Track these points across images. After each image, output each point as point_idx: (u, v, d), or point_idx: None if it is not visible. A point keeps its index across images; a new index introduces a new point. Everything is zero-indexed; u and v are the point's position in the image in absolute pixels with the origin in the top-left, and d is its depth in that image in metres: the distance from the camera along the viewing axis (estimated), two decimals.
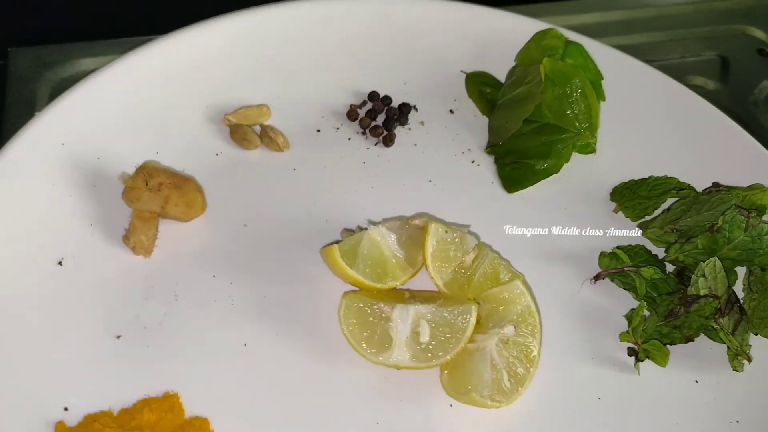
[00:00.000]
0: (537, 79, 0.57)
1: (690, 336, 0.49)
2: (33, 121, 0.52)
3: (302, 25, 0.62)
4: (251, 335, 0.47)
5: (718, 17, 0.79)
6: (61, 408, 0.43)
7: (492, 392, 0.44)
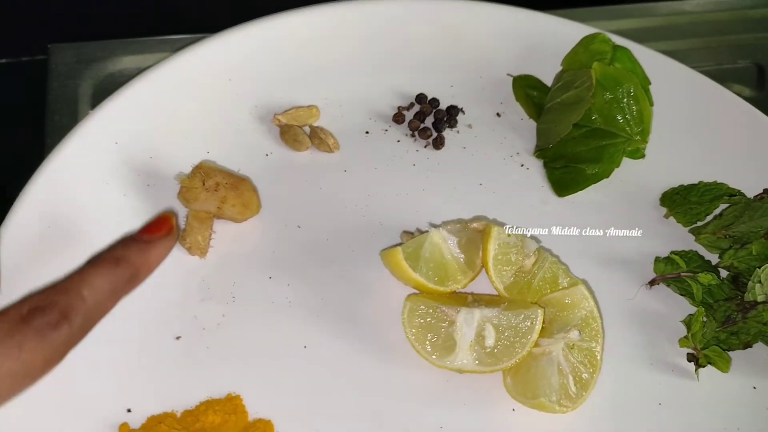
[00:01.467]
0: (587, 84, 0.57)
1: (748, 342, 0.49)
2: (87, 119, 0.51)
3: (350, 26, 0.62)
4: (311, 337, 0.47)
5: (754, 25, 0.79)
6: (124, 410, 0.43)
7: (560, 397, 0.44)
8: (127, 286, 0.39)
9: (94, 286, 0.36)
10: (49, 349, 0.34)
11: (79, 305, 0.35)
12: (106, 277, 0.37)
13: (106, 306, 0.37)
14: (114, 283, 0.37)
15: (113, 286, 0.37)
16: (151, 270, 0.40)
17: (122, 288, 0.38)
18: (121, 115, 0.53)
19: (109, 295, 0.37)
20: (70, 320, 0.35)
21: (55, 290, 0.36)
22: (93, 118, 0.51)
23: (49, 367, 0.34)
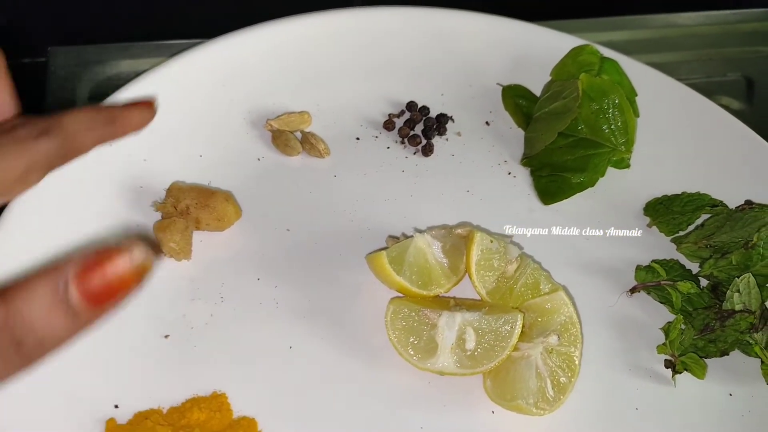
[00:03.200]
0: (574, 94, 0.58)
1: (725, 350, 0.50)
2: None
3: (342, 34, 0.63)
4: (296, 338, 0.48)
5: (744, 39, 0.80)
6: (111, 405, 0.44)
7: (537, 400, 0.45)
8: (105, 130, 0.38)
9: (75, 119, 0.36)
10: (27, 159, 0.33)
11: (58, 127, 0.35)
12: (86, 115, 0.37)
13: (84, 140, 0.36)
14: (93, 122, 0.37)
15: (93, 125, 0.37)
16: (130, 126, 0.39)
17: (101, 130, 0.38)
18: None
19: (87, 131, 0.36)
20: (50, 136, 0.34)
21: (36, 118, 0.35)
22: None
23: (26, 180, 0.34)
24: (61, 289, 0.25)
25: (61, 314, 0.25)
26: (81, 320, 0.25)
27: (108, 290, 0.26)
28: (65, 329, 0.25)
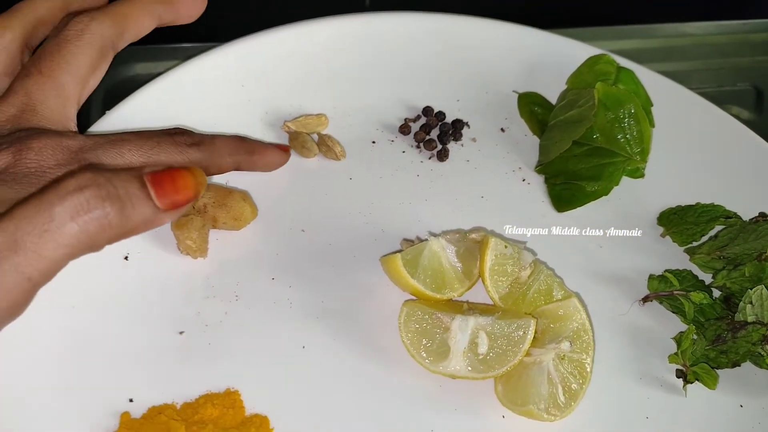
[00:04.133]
0: (590, 103, 0.59)
1: (736, 361, 0.50)
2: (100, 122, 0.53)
3: (361, 39, 0.63)
4: (310, 338, 0.49)
5: (754, 49, 0.81)
6: (126, 399, 0.45)
7: (548, 406, 0.45)
8: (244, 158, 0.45)
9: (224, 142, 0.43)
10: (179, 160, 0.38)
11: (209, 144, 0.41)
12: (233, 142, 0.43)
13: (224, 161, 0.43)
14: (237, 149, 0.44)
15: (236, 152, 0.43)
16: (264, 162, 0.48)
17: (241, 158, 0.45)
18: (133, 118, 0.54)
19: (229, 155, 0.42)
20: (200, 149, 0.40)
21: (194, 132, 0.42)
22: (105, 120, 0.53)
23: None
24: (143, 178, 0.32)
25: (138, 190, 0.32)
26: None
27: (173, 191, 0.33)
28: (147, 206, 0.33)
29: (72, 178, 0.30)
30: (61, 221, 0.30)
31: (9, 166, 0.33)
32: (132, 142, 0.36)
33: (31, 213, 0.30)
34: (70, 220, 0.30)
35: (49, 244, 0.30)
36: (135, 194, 0.32)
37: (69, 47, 0.38)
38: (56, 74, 0.37)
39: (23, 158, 0.33)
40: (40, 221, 0.29)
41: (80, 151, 0.35)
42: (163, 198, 0.33)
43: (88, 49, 0.38)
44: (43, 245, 0.30)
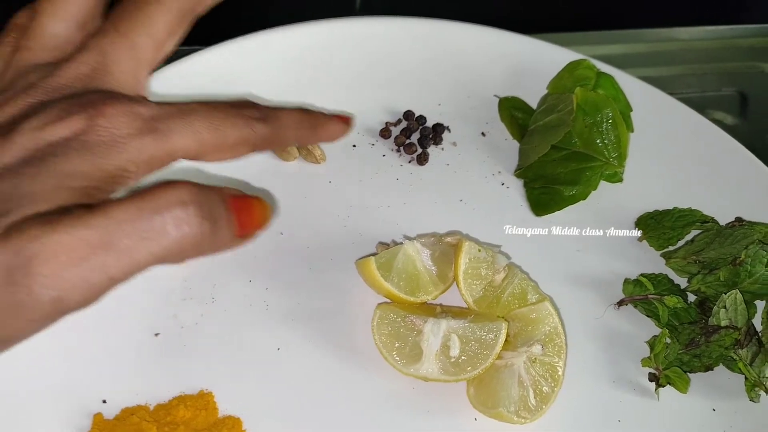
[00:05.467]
0: (569, 108, 0.59)
1: (710, 365, 0.50)
2: None
3: (342, 43, 0.64)
4: (285, 340, 0.49)
5: (739, 54, 0.81)
6: (99, 400, 0.45)
7: (518, 408, 0.45)
8: (307, 133, 0.42)
9: (289, 116, 0.40)
10: (245, 134, 0.37)
11: (274, 118, 0.39)
12: (298, 116, 0.40)
13: (288, 136, 0.40)
14: (301, 123, 0.41)
15: (299, 126, 0.41)
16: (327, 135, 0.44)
17: (304, 132, 0.42)
18: None
19: (293, 129, 0.40)
20: (266, 123, 0.38)
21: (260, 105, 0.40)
22: None
23: (236, 150, 0.37)
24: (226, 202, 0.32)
25: (226, 215, 0.32)
26: None
27: (249, 222, 0.33)
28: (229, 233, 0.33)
29: (174, 190, 0.30)
30: (161, 231, 0.30)
31: (80, 133, 0.32)
32: (201, 114, 0.35)
33: (132, 216, 0.29)
34: (169, 232, 0.30)
35: (143, 251, 0.30)
36: (223, 217, 0.32)
37: (149, 9, 0.36)
38: (133, 35, 0.36)
39: (95, 125, 0.32)
40: (140, 227, 0.29)
41: (152, 120, 0.33)
42: (241, 227, 0.33)
43: (168, 13, 0.37)
44: (137, 251, 0.29)
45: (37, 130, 0.32)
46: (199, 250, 0.31)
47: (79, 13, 0.38)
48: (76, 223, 0.29)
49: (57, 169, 0.30)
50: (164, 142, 0.33)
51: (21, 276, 0.28)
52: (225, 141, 0.36)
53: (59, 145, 0.31)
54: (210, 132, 0.35)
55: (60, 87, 0.34)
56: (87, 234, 0.28)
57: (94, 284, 0.29)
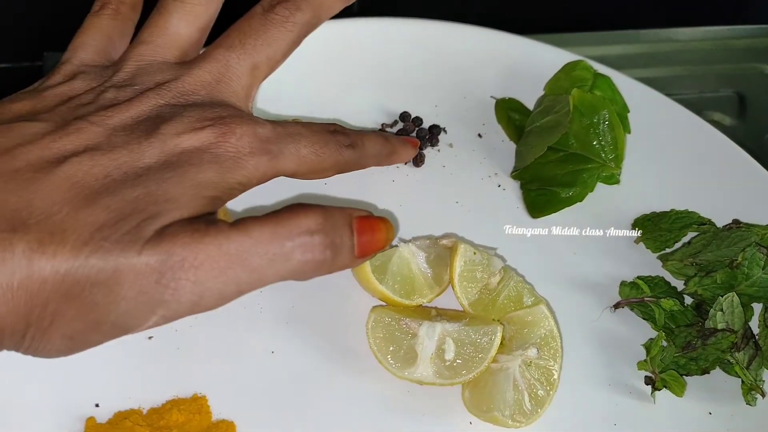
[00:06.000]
0: (565, 109, 0.59)
1: (706, 368, 0.50)
2: None
3: (337, 45, 0.64)
4: (279, 343, 0.49)
5: (737, 55, 0.81)
6: (92, 404, 0.45)
7: (513, 412, 0.45)
8: (384, 159, 0.49)
9: (373, 143, 0.46)
10: (336, 159, 0.41)
11: (361, 145, 0.43)
12: (379, 143, 0.46)
13: (368, 161, 0.45)
14: (381, 150, 0.46)
15: (379, 152, 0.46)
16: (399, 159, 0.51)
17: (382, 159, 0.47)
18: None
19: (374, 156, 0.46)
20: (354, 149, 0.42)
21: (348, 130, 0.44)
22: None
23: (326, 173, 0.41)
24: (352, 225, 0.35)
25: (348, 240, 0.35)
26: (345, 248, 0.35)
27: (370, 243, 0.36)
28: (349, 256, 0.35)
29: (305, 217, 0.34)
30: (289, 255, 0.33)
31: (211, 146, 0.34)
32: (307, 139, 0.38)
33: (267, 238, 0.32)
34: (295, 257, 0.33)
35: (271, 271, 0.33)
36: (346, 244, 0.35)
37: (273, 31, 0.39)
38: (256, 53, 0.39)
39: (226, 141, 0.35)
40: (272, 249, 0.32)
41: (267, 141, 0.36)
42: (361, 248, 0.35)
43: (289, 36, 0.40)
44: (266, 270, 0.32)
45: (175, 137, 0.34)
46: (320, 271, 0.35)
47: (206, 18, 0.41)
48: (220, 237, 0.32)
49: (194, 177, 0.33)
50: (275, 163, 0.36)
51: (170, 278, 0.30)
52: (322, 165, 0.40)
53: (194, 154, 0.34)
54: (312, 156, 0.38)
55: (186, 92, 0.37)
56: (229, 248, 0.32)
57: (225, 294, 0.33)
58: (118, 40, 0.41)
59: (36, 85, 0.37)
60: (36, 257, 0.29)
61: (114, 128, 0.34)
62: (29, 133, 0.33)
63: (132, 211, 0.31)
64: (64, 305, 0.30)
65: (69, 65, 0.38)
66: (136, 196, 0.31)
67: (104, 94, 0.36)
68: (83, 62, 0.39)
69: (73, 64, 0.38)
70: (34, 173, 0.31)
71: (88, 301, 0.30)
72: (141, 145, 0.33)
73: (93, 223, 0.30)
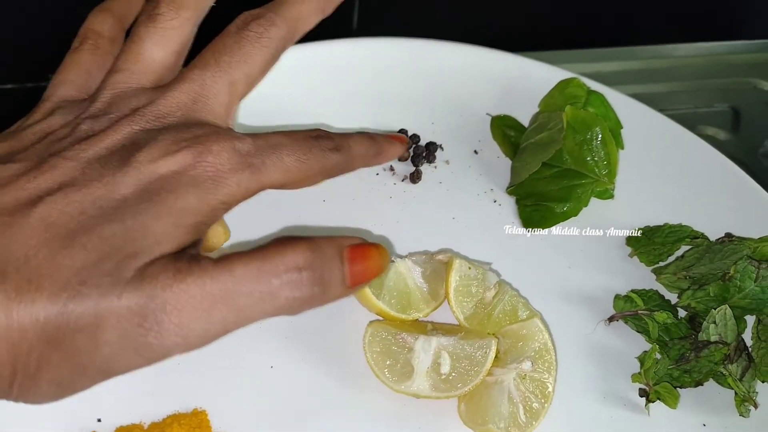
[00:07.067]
0: (559, 126, 0.60)
1: (699, 380, 0.51)
2: None
3: (335, 64, 0.65)
4: (278, 358, 0.50)
5: (731, 70, 0.82)
6: (94, 419, 0.46)
7: (508, 425, 0.46)
8: (371, 159, 0.45)
9: (359, 144, 0.43)
10: (323, 164, 0.39)
11: (347, 148, 0.41)
12: (366, 144, 0.43)
13: (356, 163, 0.43)
14: (368, 150, 0.44)
15: (366, 152, 0.44)
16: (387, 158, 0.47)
17: (369, 159, 0.44)
18: None
19: (361, 156, 0.43)
20: (340, 153, 0.40)
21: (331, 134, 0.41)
22: None
23: (314, 179, 0.40)
24: (342, 255, 0.33)
25: (339, 272, 0.33)
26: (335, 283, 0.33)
27: (362, 273, 0.34)
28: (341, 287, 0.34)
29: (292, 253, 0.32)
30: (275, 293, 0.32)
31: (188, 168, 0.33)
32: (289, 148, 0.37)
33: (252, 276, 0.31)
34: (283, 294, 0.32)
35: (258, 309, 0.32)
36: (336, 276, 0.33)
37: (248, 48, 0.38)
38: (232, 71, 0.38)
39: (203, 161, 0.33)
40: (258, 287, 0.31)
41: (248, 155, 0.35)
42: (353, 278, 0.34)
43: (265, 52, 0.39)
44: (253, 309, 0.32)
45: (150, 163, 0.33)
46: (309, 306, 0.33)
47: (180, 42, 0.40)
48: (204, 276, 0.31)
49: (172, 205, 0.32)
50: (259, 176, 0.35)
51: (153, 321, 0.29)
52: (308, 172, 0.38)
53: (170, 179, 0.33)
54: (296, 165, 0.37)
55: (162, 115, 0.36)
56: (213, 288, 0.31)
57: (212, 334, 0.32)
58: (97, 74, 0.40)
59: (15, 125, 0.37)
60: (14, 306, 0.28)
61: (88, 161, 0.33)
62: (5, 176, 0.31)
63: (110, 249, 0.30)
64: (48, 352, 0.29)
65: (48, 102, 0.38)
66: (113, 233, 0.30)
67: (80, 126, 0.34)
68: (62, 98, 0.38)
69: (52, 101, 0.38)
70: (10, 217, 0.30)
71: (71, 347, 0.29)
72: (115, 176, 0.32)
73: (70, 266, 0.29)
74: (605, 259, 0.58)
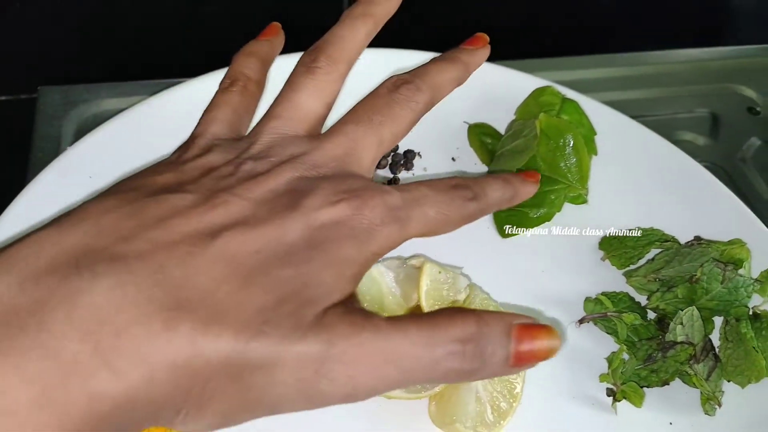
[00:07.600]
0: (533, 133, 0.61)
1: (666, 380, 0.52)
2: (63, 155, 0.57)
3: None
4: None
5: (711, 76, 0.83)
6: None
7: (475, 423, 0.47)
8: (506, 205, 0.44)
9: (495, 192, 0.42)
10: (462, 214, 0.40)
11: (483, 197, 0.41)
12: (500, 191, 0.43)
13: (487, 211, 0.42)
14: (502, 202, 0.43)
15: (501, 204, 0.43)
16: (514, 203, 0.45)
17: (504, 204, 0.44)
18: (97, 152, 0.58)
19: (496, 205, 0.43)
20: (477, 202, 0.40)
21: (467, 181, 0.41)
22: (68, 153, 0.56)
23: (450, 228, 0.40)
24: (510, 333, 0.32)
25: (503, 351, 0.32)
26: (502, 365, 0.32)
27: (528, 354, 0.32)
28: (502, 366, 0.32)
29: (461, 325, 0.32)
30: (438, 362, 0.31)
31: (347, 219, 0.34)
32: (432, 201, 0.38)
33: (422, 342, 0.31)
34: (444, 364, 0.31)
35: (420, 374, 0.31)
36: (499, 354, 0.32)
37: (397, 110, 0.41)
38: (382, 129, 0.40)
39: (360, 213, 0.34)
40: (425, 353, 0.31)
41: (396, 209, 0.36)
42: (518, 359, 0.32)
43: (411, 115, 0.41)
44: (416, 373, 0.31)
45: (315, 210, 0.34)
46: (466, 379, 0.33)
47: (332, 94, 0.42)
48: (378, 334, 0.31)
49: (337, 255, 0.33)
50: (405, 230, 0.36)
51: (328, 368, 0.30)
52: (447, 224, 0.39)
53: (332, 228, 0.33)
54: (438, 217, 0.38)
55: (318, 165, 0.37)
56: (386, 347, 0.31)
57: (377, 391, 0.31)
58: (245, 116, 0.42)
59: (172, 158, 0.38)
60: (200, 338, 0.28)
61: (257, 201, 0.33)
62: (180, 206, 0.32)
63: (288, 293, 0.30)
64: (224, 384, 0.29)
65: (202, 139, 0.39)
66: (289, 277, 0.31)
67: (242, 166, 0.35)
68: (216, 136, 0.39)
69: (206, 138, 0.39)
70: (191, 247, 0.30)
71: (247, 383, 0.30)
72: (284, 220, 0.33)
73: (252, 304, 0.29)
74: (578, 262, 0.59)
